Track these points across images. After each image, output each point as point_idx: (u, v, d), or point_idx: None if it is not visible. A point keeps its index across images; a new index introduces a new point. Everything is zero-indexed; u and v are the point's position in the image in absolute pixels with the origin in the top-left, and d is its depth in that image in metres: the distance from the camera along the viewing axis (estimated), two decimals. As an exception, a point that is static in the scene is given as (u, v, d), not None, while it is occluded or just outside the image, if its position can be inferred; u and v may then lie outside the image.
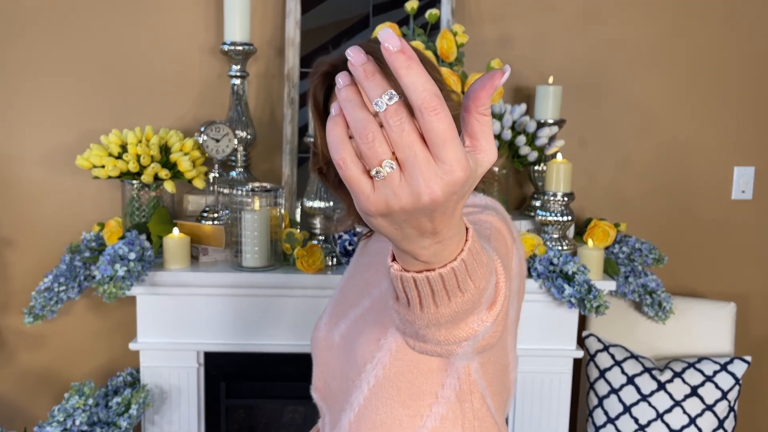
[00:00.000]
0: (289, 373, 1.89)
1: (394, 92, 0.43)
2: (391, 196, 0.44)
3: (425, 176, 0.42)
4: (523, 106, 1.88)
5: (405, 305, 0.56)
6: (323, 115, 1.03)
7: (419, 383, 0.91)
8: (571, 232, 2.00)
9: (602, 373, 1.95)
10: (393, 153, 0.43)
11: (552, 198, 1.87)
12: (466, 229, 0.52)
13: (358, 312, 0.98)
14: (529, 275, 1.79)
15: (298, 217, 2.02)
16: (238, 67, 1.95)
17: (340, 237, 1.82)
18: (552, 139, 1.94)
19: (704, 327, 2.05)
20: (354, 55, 0.43)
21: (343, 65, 0.99)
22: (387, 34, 0.42)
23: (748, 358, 1.92)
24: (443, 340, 0.58)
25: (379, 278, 0.99)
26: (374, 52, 0.89)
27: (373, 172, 0.44)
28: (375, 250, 1.07)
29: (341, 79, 0.45)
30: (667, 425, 1.88)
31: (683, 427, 1.88)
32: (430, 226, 0.46)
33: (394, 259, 0.54)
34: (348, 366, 0.97)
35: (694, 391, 1.88)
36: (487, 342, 0.64)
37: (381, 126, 0.43)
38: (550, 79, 2.02)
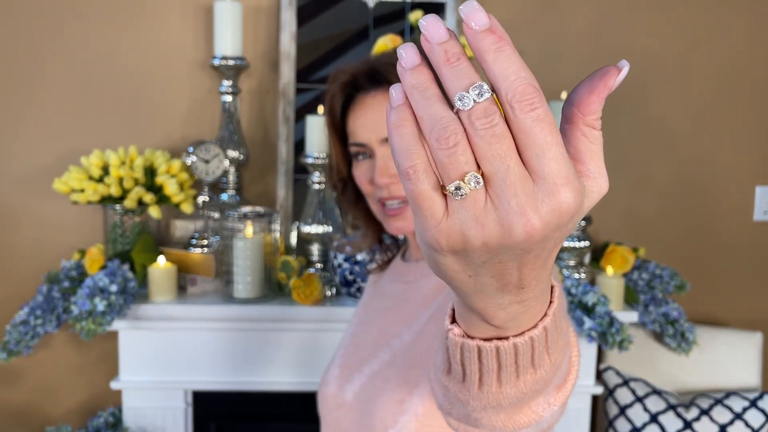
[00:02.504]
0: (286, 414, 1.76)
1: (485, 85, 0.31)
2: (471, 224, 0.31)
3: (520, 199, 0.30)
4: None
5: (459, 381, 0.43)
6: (340, 129, 0.92)
7: (448, 454, 0.77)
8: (587, 258, 1.87)
9: (623, 410, 1.81)
10: (478, 166, 0.32)
11: (568, 222, 1.74)
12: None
13: (375, 366, 0.85)
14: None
15: (294, 243, 1.89)
16: (230, 82, 1.82)
17: (339, 266, 1.68)
18: (566, 158, 1.82)
19: (730, 358, 1.91)
20: (431, 28, 0.31)
21: (365, 75, 0.87)
22: (471, 7, 0.30)
23: (779, 392, 1.79)
24: (500, 427, 0.46)
25: (399, 327, 0.86)
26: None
27: (450, 188, 0.32)
28: (391, 293, 0.93)
29: (409, 56, 0.32)
30: (694, 467, 1.74)
31: (711, 469, 1.74)
32: (516, 276, 0.34)
33: (453, 320, 0.41)
34: (364, 430, 0.84)
35: (722, 431, 1.74)
36: (549, 426, 0.52)
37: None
38: (563, 95, 1.89)
